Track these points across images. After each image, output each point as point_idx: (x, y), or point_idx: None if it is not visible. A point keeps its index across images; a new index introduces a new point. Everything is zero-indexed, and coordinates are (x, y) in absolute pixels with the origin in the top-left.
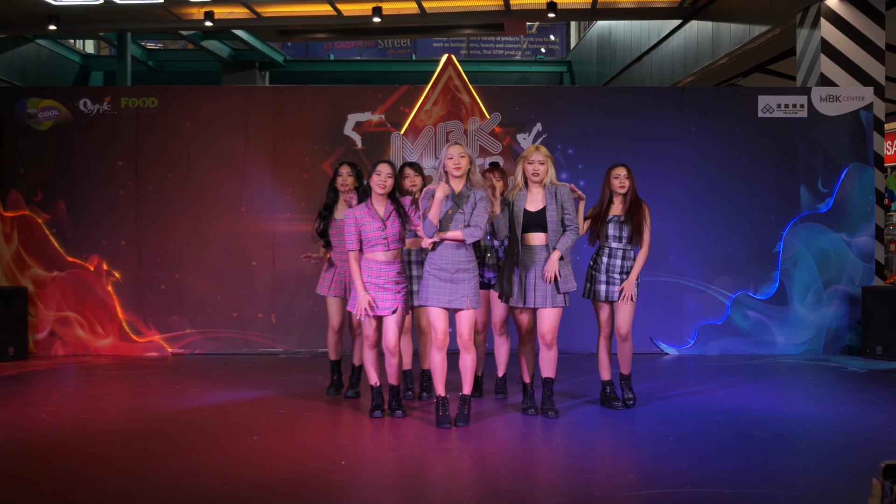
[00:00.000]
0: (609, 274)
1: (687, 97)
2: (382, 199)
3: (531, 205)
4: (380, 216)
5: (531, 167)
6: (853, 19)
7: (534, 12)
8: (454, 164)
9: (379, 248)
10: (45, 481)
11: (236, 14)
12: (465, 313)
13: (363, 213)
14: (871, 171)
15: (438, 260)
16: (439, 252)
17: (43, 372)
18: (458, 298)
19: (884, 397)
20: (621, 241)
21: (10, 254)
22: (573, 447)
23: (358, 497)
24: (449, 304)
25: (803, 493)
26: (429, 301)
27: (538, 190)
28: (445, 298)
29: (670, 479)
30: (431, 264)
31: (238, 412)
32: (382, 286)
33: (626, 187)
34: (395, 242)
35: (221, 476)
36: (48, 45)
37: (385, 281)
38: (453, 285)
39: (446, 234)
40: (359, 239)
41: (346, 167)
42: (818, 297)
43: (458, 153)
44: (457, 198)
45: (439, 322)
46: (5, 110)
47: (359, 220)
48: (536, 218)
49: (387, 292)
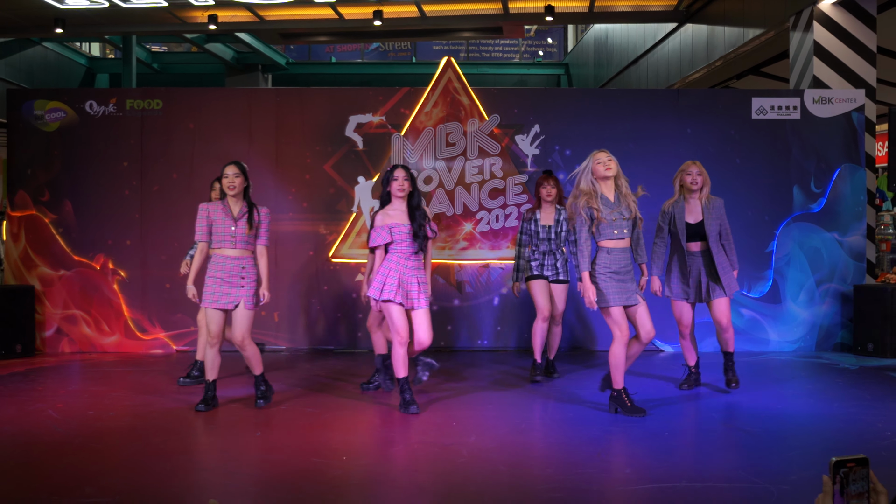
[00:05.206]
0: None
1: (682, 99)
2: (238, 200)
3: (690, 216)
4: (233, 215)
5: (689, 178)
6: (845, 23)
7: (532, 15)
8: (605, 168)
9: (227, 245)
10: (52, 476)
11: (239, 17)
12: (641, 308)
13: (216, 209)
14: (862, 172)
15: (613, 264)
16: (614, 256)
17: (50, 369)
18: (631, 295)
19: (875, 393)
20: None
21: (18, 253)
22: (570, 442)
23: (359, 491)
24: (626, 301)
25: (795, 488)
26: (611, 301)
27: (696, 202)
28: (623, 297)
29: (665, 473)
30: (606, 268)
31: (241, 408)
32: (227, 280)
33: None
34: (243, 242)
35: (225, 471)
36: (55, 47)
37: (230, 276)
38: (625, 285)
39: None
40: (209, 232)
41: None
42: (811, 295)
43: (606, 157)
44: (613, 204)
45: (624, 320)
46: (13, 112)
47: (211, 215)
48: (696, 229)
49: (231, 287)
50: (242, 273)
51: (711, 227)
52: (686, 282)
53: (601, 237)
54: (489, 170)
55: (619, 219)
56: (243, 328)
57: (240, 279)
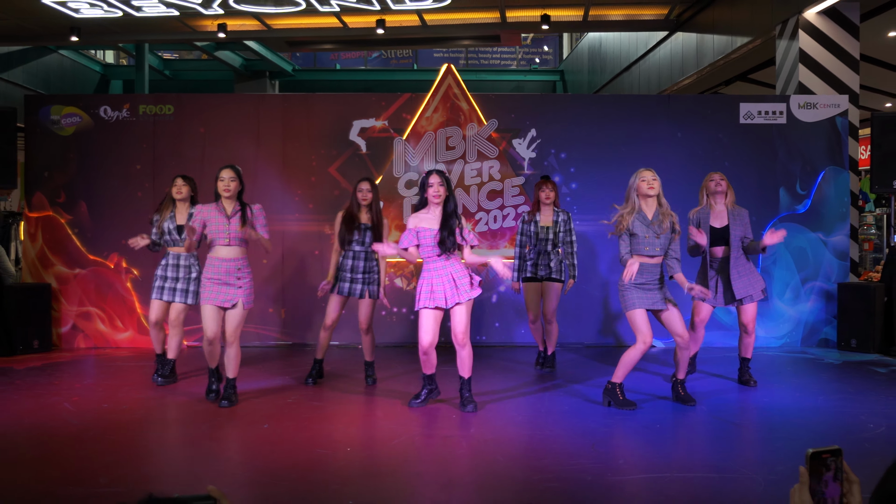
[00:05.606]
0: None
1: (673, 104)
2: (232, 201)
3: (715, 221)
4: (226, 213)
5: (713, 183)
6: (829, 31)
7: (529, 24)
8: (648, 186)
9: (221, 243)
10: (68, 466)
11: (248, 26)
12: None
13: (210, 210)
14: (846, 175)
15: (640, 277)
16: (641, 269)
17: (66, 363)
18: (657, 301)
19: (858, 387)
20: None
21: (35, 252)
22: (566, 435)
23: (362, 481)
24: (652, 305)
25: (782, 478)
26: (632, 305)
27: (721, 208)
28: (647, 302)
29: (657, 464)
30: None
31: (249, 401)
32: (224, 281)
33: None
34: (236, 239)
35: (234, 461)
36: (70, 55)
37: (226, 276)
38: (651, 293)
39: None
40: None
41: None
42: (796, 293)
43: (651, 177)
44: (650, 221)
45: (646, 326)
46: (30, 117)
47: (204, 216)
48: (721, 233)
49: (229, 287)
50: (238, 274)
51: (736, 233)
52: (706, 284)
53: (634, 251)
54: (487, 172)
55: (651, 237)
56: (234, 325)
57: (236, 279)
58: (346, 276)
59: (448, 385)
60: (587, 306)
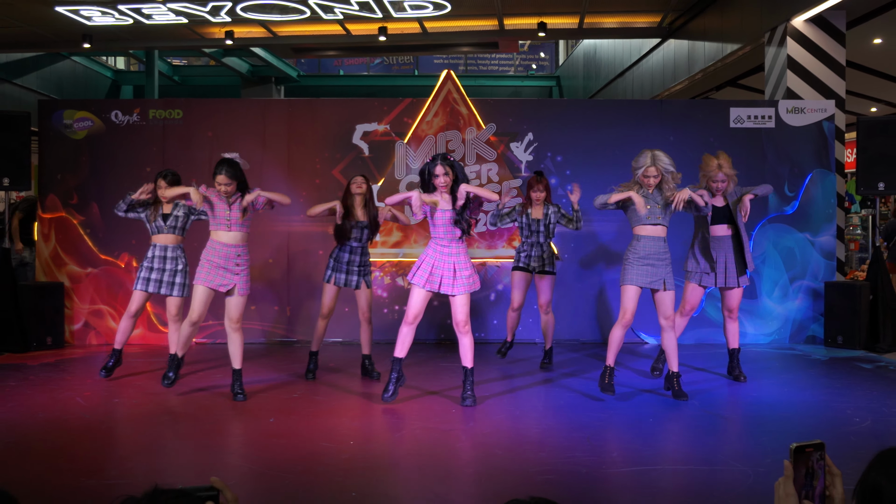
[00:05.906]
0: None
1: (665, 109)
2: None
3: (716, 201)
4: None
5: (714, 185)
6: (817, 38)
7: (526, 31)
8: (646, 182)
9: (222, 228)
10: (80, 460)
11: (254, 33)
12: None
13: (213, 194)
14: (832, 177)
15: (642, 250)
16: (643, 243)
17: (78, 360)
18: (657, 280)
19: (844, 382)
20: None
21: (49, 252)
22: (562, 428)
23: (365, 474)
24: (651, 284)
25: (771, 471)
26: (627, 280)
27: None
28: (645, 280)
29: (649, 457)
30: (635, 254)
31: (256, 396)
32: (223, 266)
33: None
34: (237, 225)
35: (240, 454)
36: (83, 61)
37: (225, 261)
38: (654, 269)
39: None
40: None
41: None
42: (784, 291)
43: (654, 173)
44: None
45: (632, 304)
46: (44, 121)
47: (211, 197)
48: (723, 211)
49: (227, 272)
50: (237, 261)
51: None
52: (706, 265)
53: (634, 224)
54: (486, 175)
55: (653, 205)
56: (238, 312)
57: (235, 265)
58: (342, 267)
59: (449, 379)
60: (583, 303)
